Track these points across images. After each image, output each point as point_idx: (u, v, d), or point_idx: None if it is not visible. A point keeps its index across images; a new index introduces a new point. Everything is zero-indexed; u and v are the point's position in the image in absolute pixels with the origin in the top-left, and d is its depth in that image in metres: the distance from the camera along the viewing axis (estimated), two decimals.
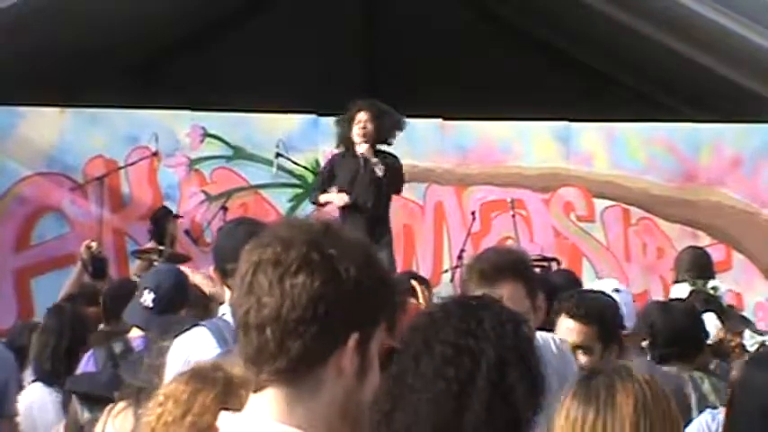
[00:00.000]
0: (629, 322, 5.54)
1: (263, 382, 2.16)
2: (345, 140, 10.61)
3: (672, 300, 6.79)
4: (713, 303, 6.74)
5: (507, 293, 3.95)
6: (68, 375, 5.63)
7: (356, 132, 10.51)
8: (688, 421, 4.41)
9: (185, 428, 2.71)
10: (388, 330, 2.21)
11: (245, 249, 2.24)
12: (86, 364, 5.29)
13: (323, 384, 2.15)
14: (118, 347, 5.28)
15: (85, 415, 5.08)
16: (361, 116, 10.56)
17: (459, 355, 2.78)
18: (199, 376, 2.78)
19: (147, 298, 5.49)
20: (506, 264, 4.21)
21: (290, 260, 2.14)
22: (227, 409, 2.35)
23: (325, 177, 10.74)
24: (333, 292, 2.13)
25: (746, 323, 6.96)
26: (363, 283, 2.16)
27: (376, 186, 10.40)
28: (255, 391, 2.18)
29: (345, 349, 2.14)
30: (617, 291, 5.95)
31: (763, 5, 13.38)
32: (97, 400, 4.98)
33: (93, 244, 8.96)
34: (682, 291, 7.37)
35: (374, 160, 10.37)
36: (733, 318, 6.86)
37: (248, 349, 2.18)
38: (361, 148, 10.45)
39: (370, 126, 10.52)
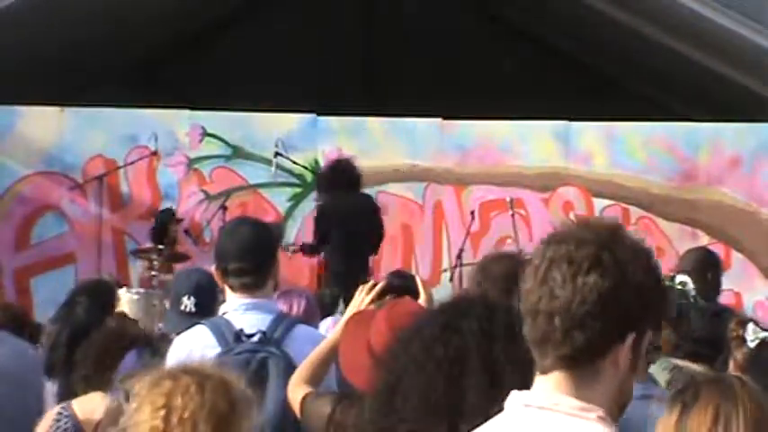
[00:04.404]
0: None
1: (549, 366, 2.38)
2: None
3: None
4: (684, 297, 6.72)
5: None
6: (66, 368, 5.64)
7: None
8: None
9: (204, 419, 2.73)
10: (654, 331, 2.41)
11: (540, 244, 2.43)
12: (128, 361, 5.28)
13: (600, 375, 2.36)
14: (164, 347, 5.28)
15: None
16: None
17: (445, 333, 2.85)
18: (193, 367, 2.83)
19: (189, 304, 5.44)
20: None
21: (581, 259, 2.34)
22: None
23: None
24: (619, 293, 2.33)
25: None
26: (645, 286, 2.36)
27: None
28: (541, 373, 2.40)
29: (623, 346, 2.34)
30: None
31: (762, 5, 13.38)
32: None
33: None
34: None
35: None
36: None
37: (534, 334, 2.38)
38: None
39: None
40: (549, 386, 2.38)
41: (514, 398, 2.43)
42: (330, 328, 5.67)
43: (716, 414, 2.56)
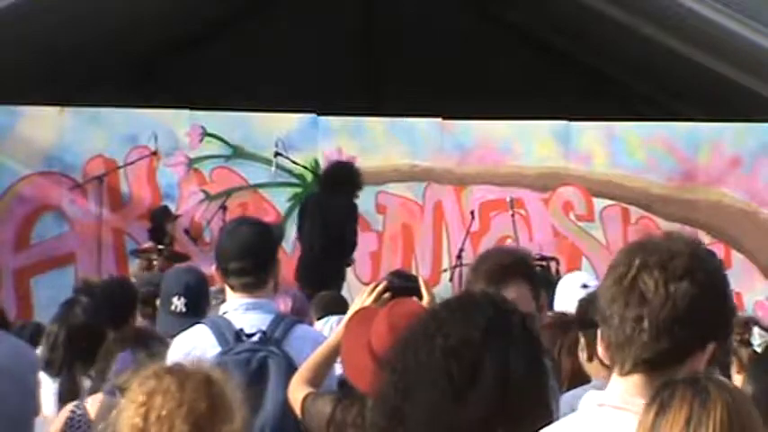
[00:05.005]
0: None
1: (629, 369, 2.44)
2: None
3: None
4: None
5: (514, 295, 3.94)
6: (67, 366, 5.65)
7: None
8: None
9: (182, 418, 2.76)
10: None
11: (624, 251, 2.51)
12: (122, 362, 5.29)
13: None
14: (156, 348, 5.28)
15: None
16: None
17: (461, 346, 2.83)
18: (177, 367, 2.85)
19: (179, 304, 5.43)
20: (512, 265, 4.21)
21: (674, 267, 2.43)
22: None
23: None
24: (708, 302, 2.43)
25: None
26: (728, 297, 2.49)
27: None
28: (619, 375, 2.47)
29: (702, 354, 2.45)
30: (585, 287, 5.81)
31: (762, 5, 13.38)
32: None
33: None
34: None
35: None
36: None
37: (618, 337, 2.45)
38: None
39: None
40: (627, 387, 2.45)
41: (589, 397, 2.48)
42: (333, 328, 5.67)
43: (688, 416, 2.57)
